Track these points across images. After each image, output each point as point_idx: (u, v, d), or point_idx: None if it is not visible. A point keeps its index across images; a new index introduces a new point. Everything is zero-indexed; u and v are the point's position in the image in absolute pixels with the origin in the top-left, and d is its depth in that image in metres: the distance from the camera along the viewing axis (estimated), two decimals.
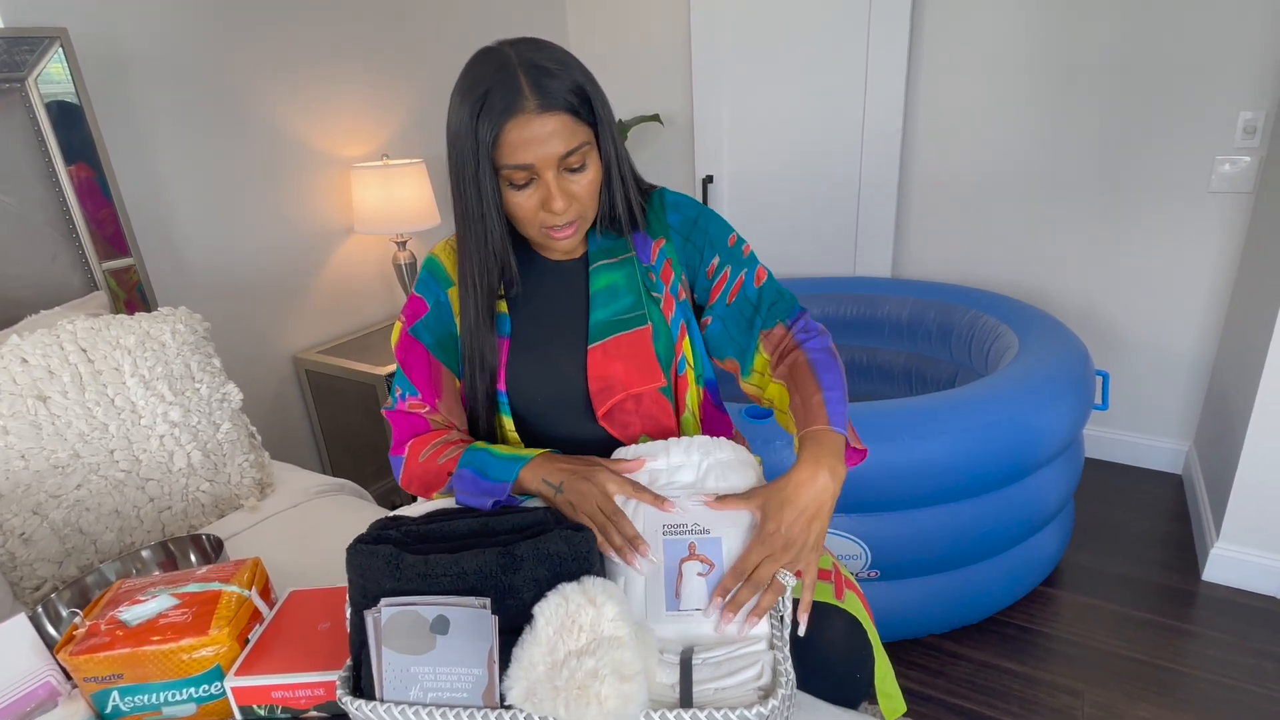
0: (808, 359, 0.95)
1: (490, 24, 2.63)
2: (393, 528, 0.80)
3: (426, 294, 1.02)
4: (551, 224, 0.91)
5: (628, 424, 1.00)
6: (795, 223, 2.80)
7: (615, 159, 0.94)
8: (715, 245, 1.02)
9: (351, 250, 2.32)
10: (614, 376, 0.98)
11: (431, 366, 1.01)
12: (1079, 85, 2.22)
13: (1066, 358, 1.82)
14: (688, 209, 1.03)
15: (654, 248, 1.01)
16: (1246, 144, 2.05)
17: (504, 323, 1.00)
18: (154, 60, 1.78)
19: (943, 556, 1.68)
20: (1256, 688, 1.61)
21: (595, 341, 0.98)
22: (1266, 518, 1.83)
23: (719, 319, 1.03)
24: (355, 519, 1.43)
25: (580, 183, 0.89)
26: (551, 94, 0.84)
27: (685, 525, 0.84)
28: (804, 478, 0.82)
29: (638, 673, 0.69)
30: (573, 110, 0.86)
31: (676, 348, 1.01)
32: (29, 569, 1.21)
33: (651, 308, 1.00)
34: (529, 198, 0.89)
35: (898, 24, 2.37)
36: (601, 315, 0.99)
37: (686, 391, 1.02)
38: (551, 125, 0.84)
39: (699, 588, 0.81)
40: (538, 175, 0.87)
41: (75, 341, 1.29)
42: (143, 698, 0.85)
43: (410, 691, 0.72)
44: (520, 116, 0.83)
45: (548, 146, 0.85)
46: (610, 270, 1.00)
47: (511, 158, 0.85)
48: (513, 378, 1.00)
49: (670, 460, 0.89)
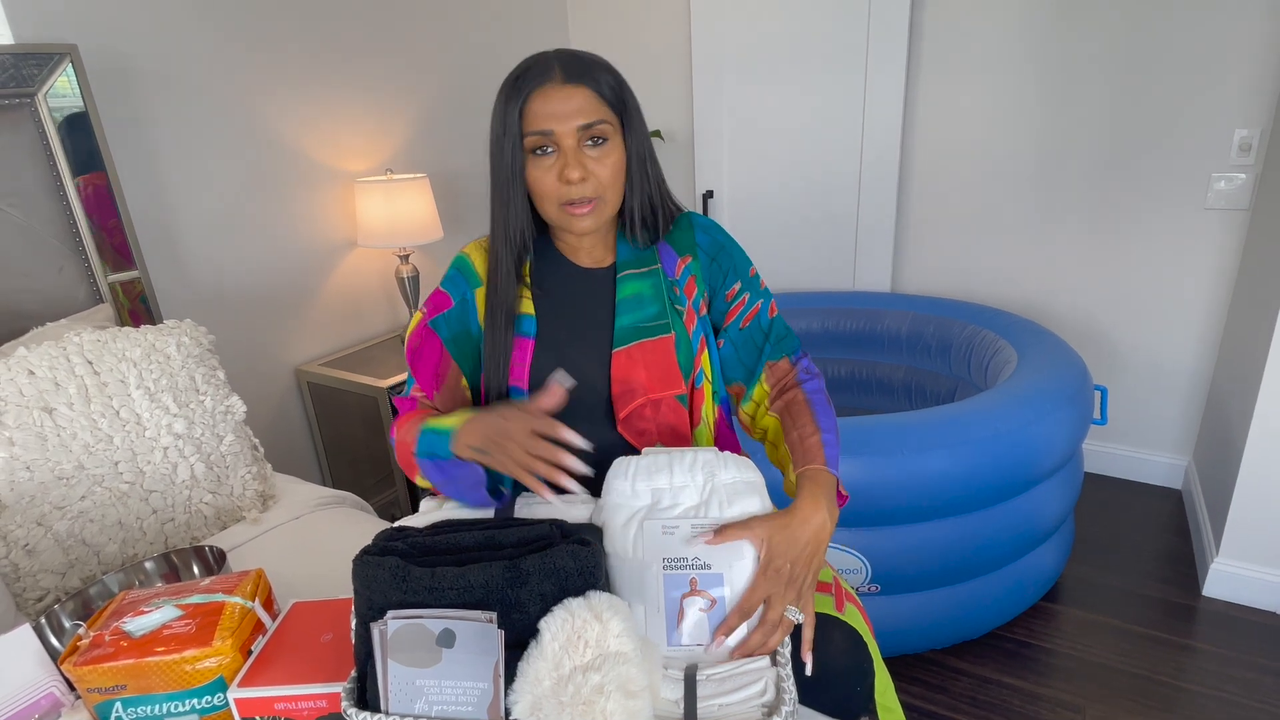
0: (807, 399, 0.99)
1: (494, 41, 2.66)
2: (398, 539, 0.80)
3: (453, 290, 1.04)
4: (569, 197, 0.92)
5: (644, 430, 1.01)
6: (795, 238, 2.82)
7: (642, 157, 0.98)
8: (739, 272, 1.06)
9: (355, 264, 2.33)
10: (636, 380, 0.99)
11: (442, 359, 1.02)
12: (1076, 103, 2.24)
13: (1065, 372, 1.83)
14: (717, 233, 1.07)
15: (679, 264, 1.04)
16: (1242, 161, 2.07)
17: (530, 323, 1.01)
18: (161, 76, 1.80)
19: (943, 571, 1.68)
20: (1256, 703, 1.61)
21: (620, 346, 1.00)
22: (1266, 533, 1.83)
23: (731, 342, 1.06)
24: (356, 531, 1.43)
25: (602, 161, 0.92)
26: (580, 73, 0.90)
27: (686, 559, 0.82)
28: (807, 514, 0.83)
29: (643, 689, 0.70)
30: (599, 91, 0.91)
31: (696, 360, 1.03)
32: (32, 580, 1.21)
33: (675, 318, 1.02)
34: (548, 169, 0.92)
35: (896, 44, 2.40)
36: (627, 321, 1.01)
37: (703, 405, 1.03)
38: (576, 98, 0.89)
39: (700, 623, 0.81)
40: (558, 144, 0.91)
41: (81, 354, 1.30)
42: (146, 709, 0.85)
43: (415, 704, 0.71)
44: (546, 87, 0.89)
45: (569, 116, 0.89)
46: (637, 280, 1.02)
47: (533, 124, 0.90)
48: (536, 378, 1.00)
49: (673, 480, 0.86)
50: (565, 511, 0.89)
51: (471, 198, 2.66)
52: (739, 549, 0.82)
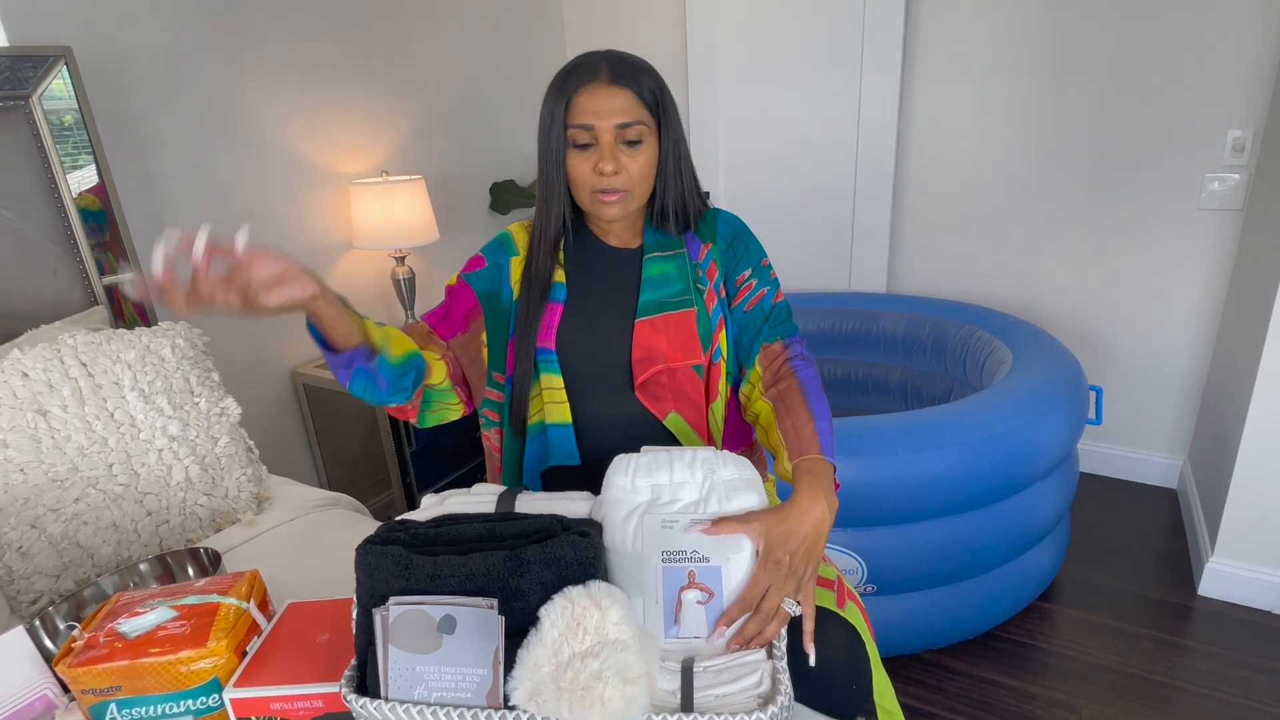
0: (800, 386, 1.02)
1: (490, 43, 2.67)
2: (401, 530, 0.81)
3: (489, 255, 1.12)
4: (600, 186, 1.00)
5: (660, 397, 1.06)
6: (791, 239, 2.82)
7: (675, 157, 1.05)
8: (751, 259, 1.13)
9: (350, 265, 2.33)
10: (657, 349, 1.05)
11: (473, 309, 1.08)
12: (1070, 104, 2.25)
13: (1060, 372, 1.84)
14: (736, 224, 1.15)
15: (702, 249, 1.11)
16: (1235, 162, 2.08)
17: (560, 290, 1.09)
18: (156, 78, 1.80)
19: (939, 571, 1.68)
20: (1251, 702, 1.61)
21: (643, 316, 1.06)
22: (1261, 532, 1.83)
23: (736, 324, 1.11)
24: (352, 533, 1.43)
25: (635, 158, 1.01)
26: (624, 75, 0.99)
27: (684, 552, 0.83)
28: (805, 506, 0.83)
29: (641, 676, 0.70)
30: (640, 95, 0.99)
31: (714, 336, 1.08)
32: (26, 582, 1.21)
33: (696, 295, 1.08)
34: (586, 160, 1.00)
35: (891, 46, 2.41)
36: (652, 296, 1.08)
37: (719, 380, 1.09)
38: (619, 99, 0.98)
39: (698, 616, 0.81)
40: (596, 140, 0.99)
41: (76, 356, 1.30)
42: (141, 710, 0.85)
43: (415, 690, 0.72)
44: (592, 85, 0.98)
45: (609, 114, 0.98)
46: (663, 261, 1.10)
47: (577, 118, 0.98)
48: (562, 340, 1.07)
49: (673, 477, 0.86)
50: (564, 507, 0.89)
51: (467, 200, 2.66)
52: (737, 542, 0.82)
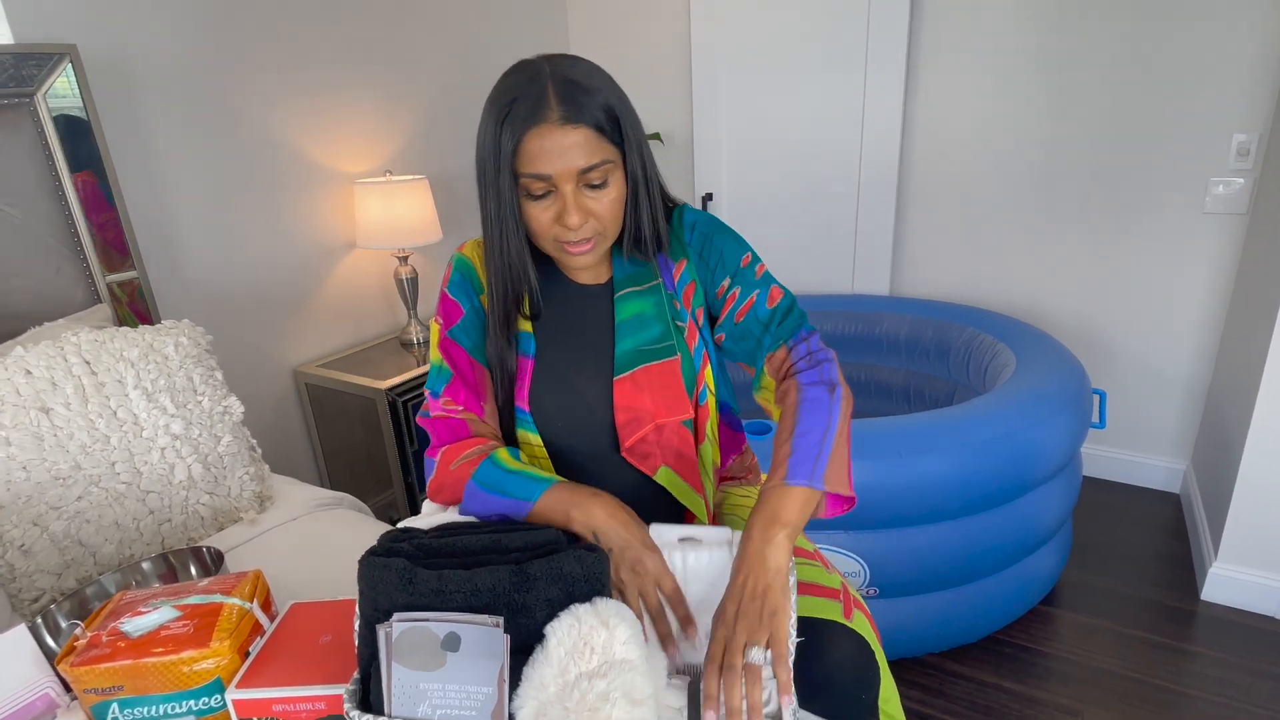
0: (796, 399, 0.91)
1: (494, 44, 2.66)
2: (404, 540, 0.80)
3: (461, 298, 1.00)
4: (566, 239, 0.89)
5: (649, 454, 0.98)
6: (794, 240, 2.82)
7: (643, 180, 0.93)
8: (727, 266, 1.01)
9: (353, 264, 2.33)
10: (642, 408, 0.96)
11: (475, 370, 0.98)
12: (1075, 106, 2.24)
13: (1063, 376, 1.83)
14: (703, 226, 1.02)
15: (676, 271, 1.00)
16: (1240, 166, 2.07)
17: (529, 342, 0.99)
18: (160, 76, 1.80)
19: (941, 574, 1.68)
20: (1254, 707, 1.61)
21: (622, 373, 0.97)
22: (1264, 537, 1.83)
23: (729, 335, 1.03)
24: (354, 533, 1.43)
25: (601, 200, 0.88)
26: (578, 108, 0.84)
27: None
28: (747, 551, 0.80)
29: (648, 697, 0.69)
30: (598, 127, 0.85)
31: (699, 377, 0.99)
32: (28, 580, 1.20)
33: (678, 338, 0.99)
34: (545, 210, 0.88)
35: (895, 47, 2.40)
36: (629, 345, 0.98)
37: (707, 421, 1.01)
38: (573, 138, 0.84)
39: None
40: (555, 188, 0.86)
41: (79, 353, 1.30)
42: (143, 710, 0.85)
43: (419, 708, 0.71)
44: (543, 126, 0.83)
45: (567, 159, 0.84)
46: (638, 298, 0.99)
47: (529, 166, 0.85)
48: (536, 401, 0.98)
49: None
50: None
51: (470, 199, 2.66)
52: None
